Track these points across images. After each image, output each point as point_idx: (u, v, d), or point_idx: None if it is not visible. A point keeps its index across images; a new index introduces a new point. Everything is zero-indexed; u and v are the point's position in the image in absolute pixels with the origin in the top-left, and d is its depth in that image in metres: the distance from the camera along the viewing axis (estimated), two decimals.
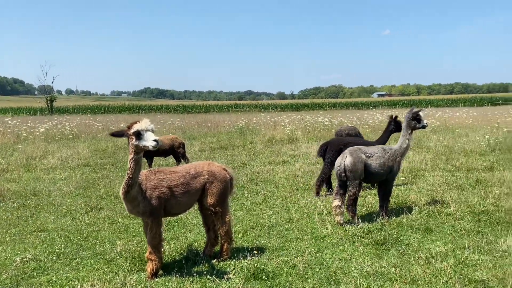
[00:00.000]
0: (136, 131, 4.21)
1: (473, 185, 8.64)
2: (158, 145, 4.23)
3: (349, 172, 6.35)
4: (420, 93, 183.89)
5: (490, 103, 69.76)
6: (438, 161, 11.76)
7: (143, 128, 4.22)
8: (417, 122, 6.92)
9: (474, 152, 12.89)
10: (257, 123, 25.83)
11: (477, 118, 25.49)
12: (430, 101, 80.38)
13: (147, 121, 4.27)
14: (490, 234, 5.82)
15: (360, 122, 24.12)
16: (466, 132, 18.45)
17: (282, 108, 73.94)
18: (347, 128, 13.13)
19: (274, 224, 6.64)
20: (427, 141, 15.78)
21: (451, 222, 6.41)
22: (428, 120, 25.43)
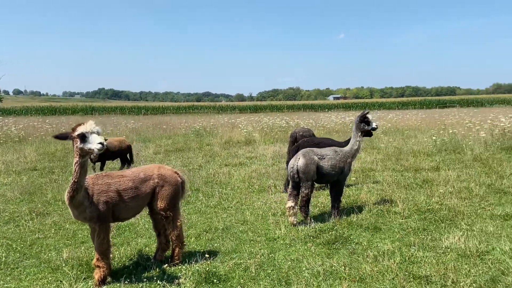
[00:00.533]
0: (81, 133, 4.06)
1: (420, 185, 9.01)
2: (103, 148, 4.09)
3: (302, 174, 6.44)
4: (373, 96, 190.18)
5: (438, 106, 73.34)
6: (388, 161, 12.19)
7: (88, 130, 4.07)
8: (366, 124, 7.08)
9: (422, 153, 13.46)
10: (214, 125, 25.69)
11: (426, 120, 26.65)
12: (383, 104, 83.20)
13: (92, 123, 4.13)
14: (435, 231, 6.09)
15: (316, 124, 24.59)
16: (415, 133, 19.22)
17: (240, 110, 74.05)
18: (301, 130, 13.32)
19: (228, 226, 6.61)
20: (378, 142, 16.31)
21: (399, 220, 6.64)
22: (380, 122, 26.43)
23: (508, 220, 6.48)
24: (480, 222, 6.37)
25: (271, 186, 9.20)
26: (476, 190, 8.30)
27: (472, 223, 6.35)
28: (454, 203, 7.36)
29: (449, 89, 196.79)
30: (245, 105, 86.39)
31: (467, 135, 15.75)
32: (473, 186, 8.58)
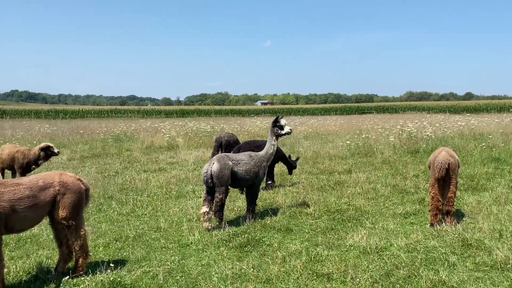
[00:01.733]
0: None
1: (333, 186, 9.46)
2: None
3: (216, 179, 6.45)
4: (299, 102, 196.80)
5: (357, 112, 77.68)
6: (306, 165, 12.65)
7: None
8: (280, 129, 7.25)
9: (337, 156, 14.16)
10: (136, 129, 24.90)
11: (344, 126, 28.09)
12: (307, 110, 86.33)
13: None
14: (342, 230, 6.41)
15: (241, 129, 24.84)
16: (333, 138, 20.18)
17: (166, 114, 72.50)
18: (226, 135, 13.43)
19: (140, 234, 6.42)
20: (299, 147, 16.87)
21: (310, 221, 6.91)
22: (302, 127, 27.41)
23: (407, 218, 7.02)
24: (383, 221, 6.82)
25: (189, 192, 9.12)
26: (382, 190, 8.91)
27: (376, 222, 6.78)
28: (361, 203, 7.83)
29: (368, 96, 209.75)
30: (171, 110, 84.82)
31: (378, 139, 16.85)
32: (380, 187, 9.20)
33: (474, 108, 69.04)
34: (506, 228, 6.10)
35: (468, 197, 8.17)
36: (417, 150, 14.76)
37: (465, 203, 7.70)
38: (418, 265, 4.89)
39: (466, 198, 8.09)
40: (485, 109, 66.70)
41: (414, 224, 6.63)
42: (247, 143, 10.06)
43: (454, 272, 4.70)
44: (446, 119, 29.78)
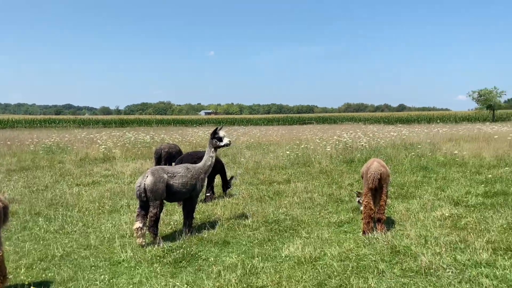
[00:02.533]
0: None
1: (272, 197, 9.55)
2: None
3: (150, 193, 6.25)
4: (243, 112, 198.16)
5: (298, 122, 79.61)
6: (247, 175, 12.69)
7: None
8: (218, 140, 7.22)
9: (277, 167, 14.35)
10: (70, 140, 23.68)
11: (285, 136, 28.59)
12: (250, 120, 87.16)
13: None
14: (278, 241, 6.46)
15: (183, 139, 24.47)
16: (275, 148, 20.45)
17: (104, 124, 69.84)
18: (166, 146, 13.12)
19: (68, 253, 6.05)
20: (241, 157, 16.89)
21: (248, 233, 6.89)
22: (245, 137, 27.55)
23: (341, 227, 7.23)
24: (318, 230, 6.96)
25: (124, 206, 8.78)
26: (318, 199, 9.12)
27: (311, 231, 6.91)
28: (298, 213, 7.95)
29: (309, 107, 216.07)
30: (110, 119, 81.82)
31: (316, 149, 17.32)
32: (316, 196, 9.42)
33: (406, 119, 73.19)
34: (431, 234, 6.45)
35: (398, 204, 8.57)
36: (352, 159, 15.33)
37: (395, 211, 8.07)
38: (349, 273, 5.02)
39: (396, 205, 8.49)
40: (416, 120, 70.98)
41: (348, 233, 6.83)
42: (189, 155, 9.92)
43: (382, 279, 4.88)
44: (380, 129, 31.34)
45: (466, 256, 5.37)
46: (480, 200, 8.62)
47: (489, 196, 9.03)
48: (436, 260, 5.25)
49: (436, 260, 5.27)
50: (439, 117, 72.82)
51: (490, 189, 9.61)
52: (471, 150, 16.53)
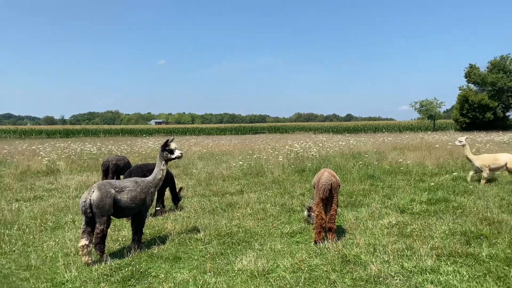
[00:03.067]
0: None
1: (224, 209, 9.45)
2: None
3: (96, 208, 5.97)
4: (195, 122, 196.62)
5: (251, 132, 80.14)
6: (199, 187, 12.51)
7: None
8: (170, 153, 7.07)
9: (230, 177, 14.28)
10: (10, 152, 22.29)
11: (238, 146, 28.59)
12: (203, 129, 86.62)
13: None
14: (231, 254, 6.37)
15: (131, 150, 23.78)
16: (227, 158, 20.36)
17: (48, 134, 66.74)
18: (114, 158, 12.68)
19: (6, 275, 5.63)
20: (193, 168, 16.66)
21: (200, 247, 6.76)
22: (197, 147, 27.25)
23: (294, 237, 7.27)
24: (271, 241, 6.96)
25: (68, 222, 8.34)
26: (271, 210, 9.14)
27: (264, 243, 6.89)
28: (250, 225, 7.92)
29: (261, 117, 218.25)
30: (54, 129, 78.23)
31: (269, 159, 17.45)
32: (269, 207, 9.44)
33: (353, 129, 75.89)
34: (380, 242, 6.64)
35: (347, 213, 8.77)
36: (303, 169, 15.58)
37: (345, 219, 8.25)
38: (302, 285, 5.04)
39: (345, 214, 8.68)
40: (363, 129, 73.77)
41: (300, 243, 6.88)
42: (138, 167, 9.61)
43: None
44: (329, 139, 32.15)
45: (412, 263, 5.57)
46: (424, 207, 9.01)
47: (432, 203, 9.47)
48: (385, 268, 5.40)
49: (385, 268, 5.42)
50: (384, 127, 76.16)
51: (433, 196, 10.09)
52: (414, 158, 17.34)
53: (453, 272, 5.24)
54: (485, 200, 9.50)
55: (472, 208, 8.69)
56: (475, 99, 57.79)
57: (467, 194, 10.33)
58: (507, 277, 5.07)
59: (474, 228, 7.20)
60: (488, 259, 5.71)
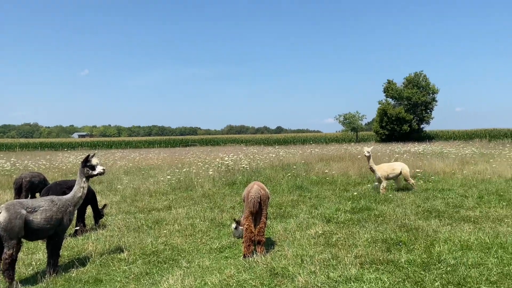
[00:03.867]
0: None
1: (151, 226, 9.08)
2: None
3: (3, 231, 5.41)
4: (121, 134, 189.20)
5: (181, 144, 78.82)
6: (124, 203, 11.94)
7: None
8: (91, 169, 6.68)
9: (158, 192, 13.81)
10: None
11: (167, 159, 27.93)
12: (130, 143, 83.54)
13: None
14: (157, 274, 6.09)
15: (50, 166, 22.22)
16: (155, 172, 19.75)
17: None
18: (28, 174, 11.74)
19: None
20: (117, 183, 15.90)
21: (123, 267, 6.39)
22: (123, 161, 26.16)
23: (223, 252, 7.14)
24: (199, 258, 6.78)
25: None
26: (200, 225, 8.94)
27: (192, 260, 6.69)
28: (178, 242, 7.67)
29: (192, 129, 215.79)
30: None
31: (199, 172, 17.19)
32: (198, 222, 9.23)
33: (283, 141, 77.68)
34: (307, 253, 6.75)
35: (276, 224, 8.84)
36: (234, 182, 15.55)
37: (274, 231, 8.30)
38: None
39: (274, 226, 8.74)
40: (292, 141, 75.81)
41: (229, 258, 6.77)
42: (57, 184, 8.93)
43: None
44: (260, 151, 32.60)
45: (337, 273, 5.71)
46: (348, 216, 9.36)
47: (356, 211, 9.88)
48: (312, 279, 5.47)
49: (311, 279, 5.49)
50: (312, 139, 78.92)
51: (356, 205, 10.53)
52: (339, 169, 18.09)
53: (375, 280, 5.44)
54: (403, 207, 10.10)
55: (392, 216, 9.19)
56: (393, 113, 62.02)
57: (387, 202, 10.92)
58: (424, 281, 5.37)
59: (394, 235, 7.59)
60: (407, 264, 6.02)
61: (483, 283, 5.24)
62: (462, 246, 6.81)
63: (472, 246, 6.77)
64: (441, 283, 5.29)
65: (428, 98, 63.99)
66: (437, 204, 10.39)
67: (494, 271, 5.64)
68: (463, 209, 9.78)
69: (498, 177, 14.96)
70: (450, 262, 6.02)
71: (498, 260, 6.07)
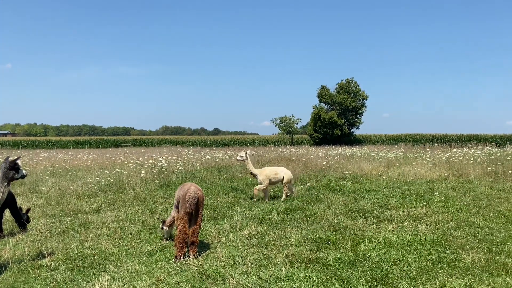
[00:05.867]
0: None
1: (76, 229, 8.60)
2: None
3: None
4: (48, 134, 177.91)
5: (113, 145, 75.82)
6: (48, 206, 11.21)
7: None
8: (16, 172, 6.25)
9: (86, 194, 13.14)
10: None
11: (97, 160, 26.70)
12: (57, 142, 78.96)
13: None
14: (82, 280, 5.78)
15: None
16: (84, 174, 18.78)
17: None
18: None
19: None
20: (42, 185, 14.91)
21: (44, 274, 5.98)
22: (48, 162, 24.60)
23: (153, 256, 6.94)
24: (128, 262, 6.53)
25: None
26: (130, 229, 8.63)
27: (121, 264, 6.43)
28: (106, 246, 7.33)
29: (125, 129, 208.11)
30: None
31: (130, 174, 16.61)
32: (128, 225, 8.90)
33: (220, 143, 77.52)
34: (240, 253, 6.77)
35: (210, 226, 8.78)
36: (168, 183, 15.23)
37: (207, 233, 8.23)
38: None
39: (208, 227, 8.68)
40: (229, 143, 75.95)
41: (160, 261, 6.60)
42: None
43: None
44: (196, 152, 32.24)
45: (269, 272, 5.78)
46: (281, 217, 9.54)
47: (288, 212, 10.10)
48: (243, 280, 5.49)
49: (243, 280, 5.51)
50: (249, 141, 79.62)
51: (289, 206, 10.78)
52: None
53: (305, 278, 5.59)
54: (333, 208, 10.51)
55: (322, 216, 9.52)
56: (326, 117, 64.48)
57: (318, 202, 11.30)
58: (350, 278, 5.61)
59: (323, 234, 7.87)
60: (335, 263, 6.25)
61: (403, 278, 5.58)
62: (386, 244, 7.21)
63: (394, 244, 7.19)
64: (365, 279, 5.55)
65: (358, 104, 67.35)
66: (364, 204, 10.93)
67: (413, 266, 6.03)
68: (387, 209, 10.37)
69: (419, 178, 16.09)
70: (374, 259, 6.35)
71: (417, 256, 6.50)
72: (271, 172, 12.26)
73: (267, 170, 12.44)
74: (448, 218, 9.19)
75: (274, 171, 12.36)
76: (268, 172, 12.24)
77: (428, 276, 5.66)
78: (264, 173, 12.19)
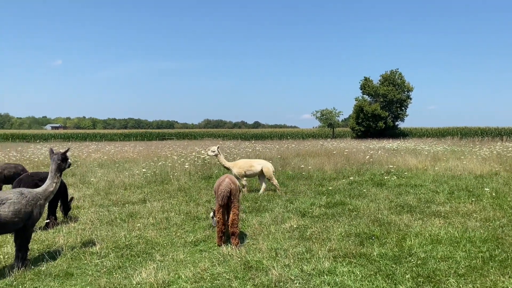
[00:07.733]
0: None
1: (124, 219, 8.94)
2: None
3: None
4: (96, 127, 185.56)
5: (158, 138, 77.95)
6: (97, 196, 11.72)
7: None
8: (65, 163, 6.71)
9: (132, 186, 13.62)
10: None
11: (142, 152, 27.54)
12: (105, 135, 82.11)
13: None
14: (130, 267, 6.01)
15: (21, 157, 21.61)
16: (130, 165, 19.46)
17: None
18: (6, 166, 11.40)
19: None
20: (91, 176, 15.60)
21: (95, 261, 6.28)
22: (97, 154, 25.69)
23: (197, 246, 7.10)
24: (173, 251, 6.72)
25: None
26: (175, 219, 8.86)
27: (166, 253, 6.63)
28: (152, 235, 7.58)
29: (169, 123, 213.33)
30: None
31: (175, 166, 17.04)
32: (173, 216, 9.15)
33: (261, 135, 77.77)
34: (281, 246, 6.79)
35: (252, 218, 8.85)
36: (210, 176, 15.49)
37: (249, 225, 8.31)
38: None
39: (250, 219, 8.75)
40: (269, 136, 76.01)
41: (203, 251, 6.75)
42: (29, 176, 8.69)
43: None
44: (237, 145, 32.55)
45: (311, 266, 5.77)
46: (323, 211, 9.46)
47: (330, 206, 9.99)
48: (285, 273, 5.51)
49: (285, 272, 5.53)
50: (289, 134, 79.29)
51: (331, 200, 10.66)
52: (315, 164, 18.25)
53: (348, 273, 5.53)
54: (376, 202, 10.28)
55: (365, 211, 9.35)
56: (369, 109, 62.96)
57: (361, 197, 11.10)
58: (395, 274, 5.49)
59: (367, 229, 7.73)
60: (379, 258, 6.14)
61: (451, 276, 5.39)
62: (432, 240, 6.99)
63: (441, 240, 6.95)
64: (411, 276, 5.42)
65: (403, 96, 65.20)
66: (409, 199, 10.62)
67: (462, 264, 5.81)
68: (434, 204, 10.02)
69: (468, 173, 15.41)
70: (420, 256, 6.17)
71: (466, 254, 6.25)
72: (245, 165, 12.02)
73: (240, 162, 12.22)
74: (500, 215, 8.76)
75: (249, 164, 12.08)
76: (242, 164, 12.02)
77: (478, 275, 5.44)
78: (237, 166, 11.99)
